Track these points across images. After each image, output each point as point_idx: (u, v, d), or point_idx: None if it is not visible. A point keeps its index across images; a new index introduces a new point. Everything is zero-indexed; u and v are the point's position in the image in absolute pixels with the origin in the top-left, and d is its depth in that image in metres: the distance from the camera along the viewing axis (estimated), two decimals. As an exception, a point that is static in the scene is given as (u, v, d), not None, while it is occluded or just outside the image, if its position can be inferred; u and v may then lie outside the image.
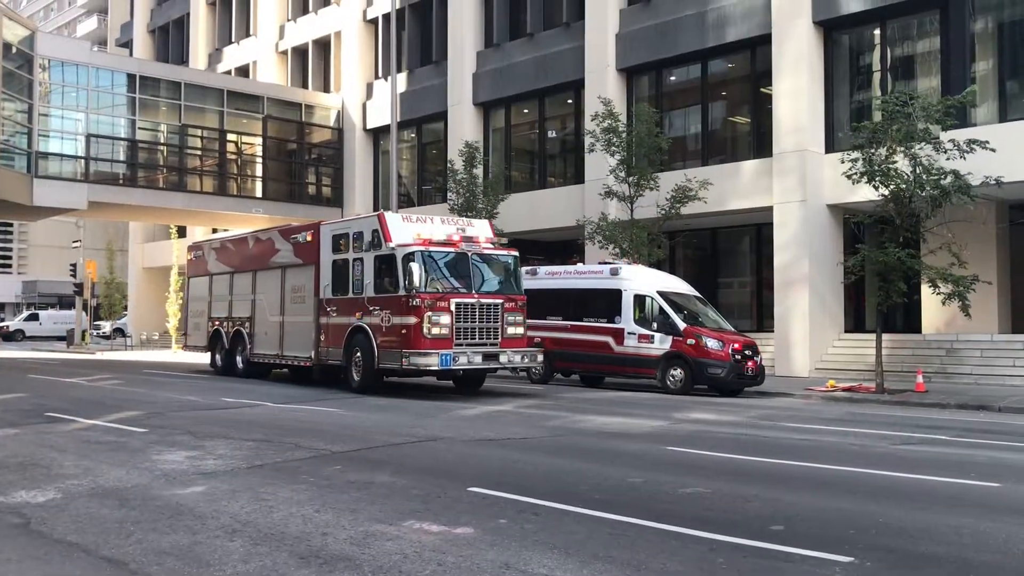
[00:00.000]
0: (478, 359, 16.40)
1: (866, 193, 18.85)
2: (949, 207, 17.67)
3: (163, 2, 48.21)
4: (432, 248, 16.49)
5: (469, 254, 16.89)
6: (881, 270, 18.03)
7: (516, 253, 17.98)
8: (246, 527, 6.31)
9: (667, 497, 7.53)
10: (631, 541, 6.02)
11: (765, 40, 23.75)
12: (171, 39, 47.31)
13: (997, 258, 21.48)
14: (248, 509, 6.87)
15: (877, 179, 17.85)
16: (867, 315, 23.31)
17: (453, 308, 16.13)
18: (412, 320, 15.91)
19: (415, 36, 34.65)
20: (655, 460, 9.68)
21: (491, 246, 17.49)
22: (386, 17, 34.29)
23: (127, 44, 51.21)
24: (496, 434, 11.61)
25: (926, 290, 19.21)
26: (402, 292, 16.11)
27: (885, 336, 19.15)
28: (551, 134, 31.64)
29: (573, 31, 28.61)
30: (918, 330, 22.48)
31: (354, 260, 17.65)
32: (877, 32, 23.16)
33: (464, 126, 31.28)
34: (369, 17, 36.19)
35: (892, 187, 17.77)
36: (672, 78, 27.50)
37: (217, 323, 23.00)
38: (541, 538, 6.04)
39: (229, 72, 41.63)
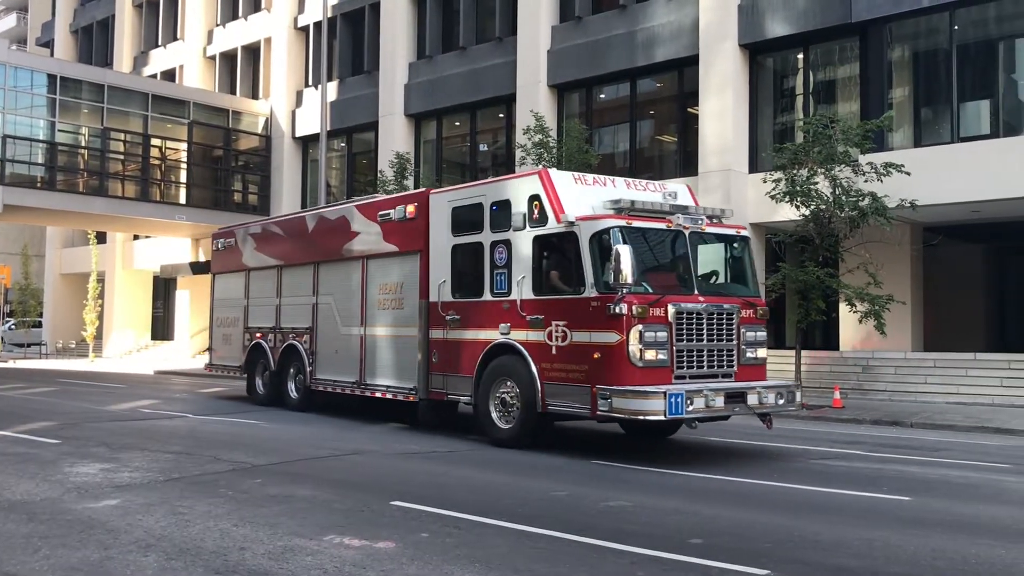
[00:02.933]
0: (719, 402, 10.24)
1: (787, 213, 19.31)
2: (867, 228, 18.21)
3: (87, 2, 47.02)
4: (637, 223, 10.71)
5: (686, 232, 11.03)
6: (801, 288, 18.47)
7: (747, 232, 12.41)
8: (161, 542, 6.16)
9: (590, 511, 7.58)
10: (553, 555, 6.05)
11: (693, 61, 24.22)
12: (95, 40, 46.15)
13: (911, 278, 22.21)
14: (163, 523, 6.71)
15: (798, 199, 18.32)
16: (787, 332, 23.86)
17: (672, 318, 10.42)
18: (611, 337, 10.14)
19: (347, 45, 34.42)
20: (580, 473, 9.74)
21: (712, 220, 11.66)
22: (317, 25, 34.02)
23: (48, 44, 49.75)
24: (421, 447, 11.55)
25: (844, 309, 19.74)
26: (590, 292, 10.43)
27: (804, 353, 19.62)
28: (483, 147, 31.70)
29: (505, 46, 28.77)
30: (836, 347, 23.08)
31: (494, 244, 11.91)
32: (800, 56, 23.81)
33: (395, 137, 31.17)
34: (300, 25, 35.84)
35: (812, 207, 18.24)
36: (602, 95, 27.83)
37: (258, 335, 17.42)
38: (463, 552, 6.03)
39: (155, 76, 40.76)
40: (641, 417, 9.98)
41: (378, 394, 14.02)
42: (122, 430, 12.68)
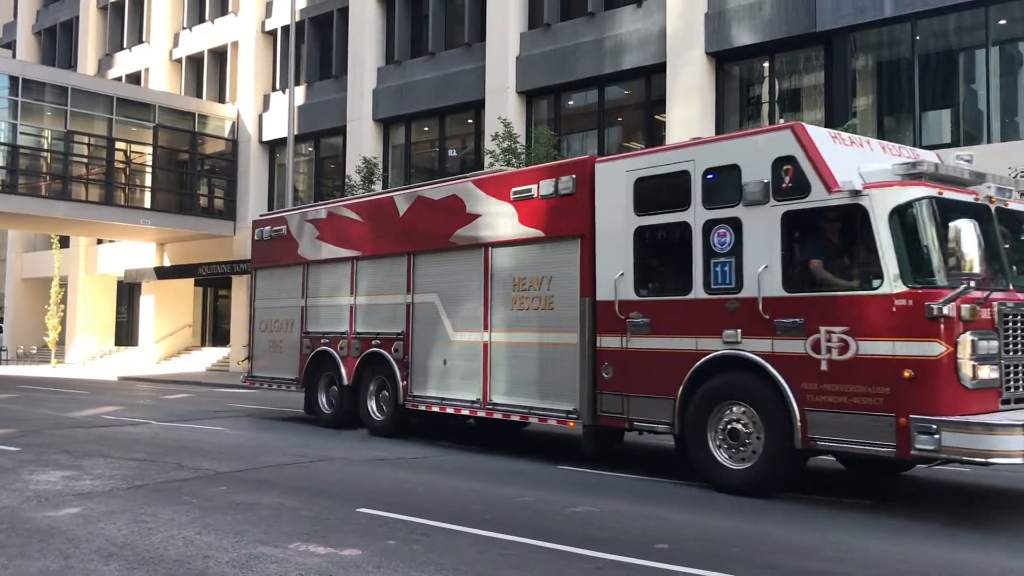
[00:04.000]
0: None
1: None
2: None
3: (50, 3, 46.44)
4: (949, 194, 8.21)
5: (992, 207, 8.58)
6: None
7: None
8: (123, 550, 6.08)
9: (557, 516, 7.58)
10: (520, 561, 6.04)
11: (660, 69, 24.39)
12: (58, 42, 45.57)
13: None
14: (126, 531, 6.62)
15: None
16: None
17: (998, 322, 7.93)
18: (932, 349, 7.58)
19: (315, 49, 34.27)
20: (548, 479, 9.74)
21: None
22: (285, 29, 33.84)
23: (10, 45, 49.04)
24: (388, 454, 11.50)
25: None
26: (893, 286, 7.80)
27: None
28: (452, 152, 31.68)
29: (475, 52, 28.80)
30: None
31: (710, 225, 9.19)
32: (766, 65, 24.06)
33: (363, 142, 31.06)
34: (268, 28, 35.64)
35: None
36: (570, 102, 27.93)
37: (323, 342, 14.49)
38: (430, 559, 6.01)
39: (120, 79, 40.32)
40: (992, 460, 7.34)
41: (514, 417, 11.29)
42: (84, 437, 12.50)
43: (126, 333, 42.04)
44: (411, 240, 13.10)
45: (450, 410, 12.09)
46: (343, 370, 13.94)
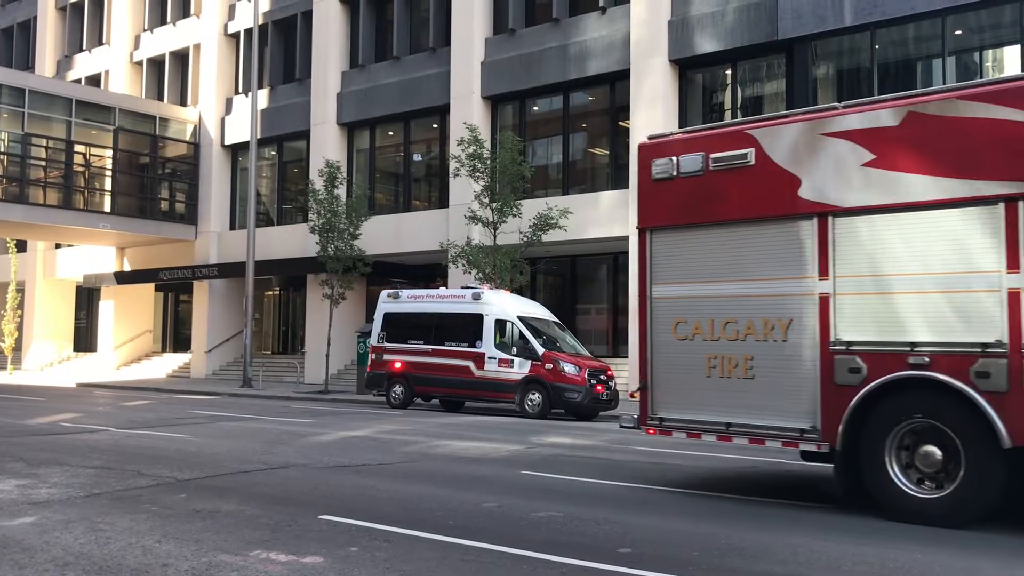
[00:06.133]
0: None
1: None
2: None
3: (7, 3, 45.71)
4: None
5: None
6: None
7: None
8: (79, 559, 5.98)
9: (520, 522, 7.58)
10: (483, 567, 6.03)
11: (624, 75, 24.56)
12: (15, 43, 44.86)
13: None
14: (83, 540, 6.52)
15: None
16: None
17: None
18: None
19: (278, 53, 34.06)
20: (510, 485, 9.74)
21: None
22: (248, 32, 33.60)
23: (-35, 46, 48.22)
24: (351, 460, 11.43)
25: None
26: None
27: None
28: (416, 157, 31.64)
29: (439, 56, 28.78)
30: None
31: None
32: (729, 72, 24.32)
33: (327, 146, 30.91)
34: (230, 31, 35.36)
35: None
36: (535, 108, 28.02)
37: (907, 362, 7.68)
38: (392, 565, 5.98)
39: (79, 81, 39.78)
40: None
41: None
42: (41, 445, 12.29)
43: (85, 339, 41.44)
44: None
45: None
46: (997, 421, 7.16)
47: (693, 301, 9.14)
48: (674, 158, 9.29)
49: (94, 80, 39.97)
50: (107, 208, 33.68)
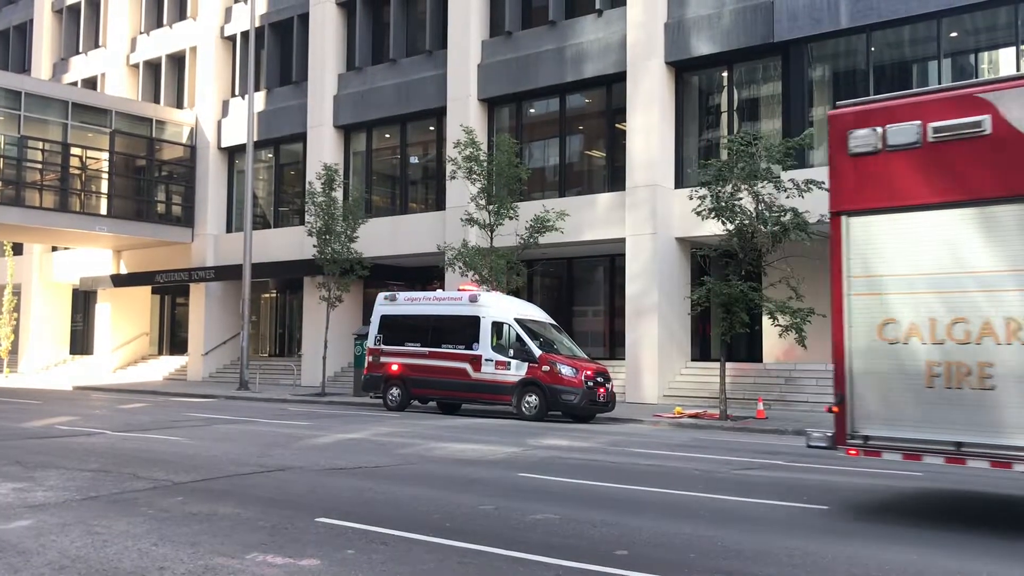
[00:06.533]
0: None
1: (712, 228, 19.67)
2: (788, 243, 18.66)
3: (3, 6, 45.63)
4: None
5: None
6: (725, 302, 18.80)
7: None
8: (76, 563, 5.98)
9: (517, 524, 7.59)
10: (480, 569, 6.04)
11: (620, 78, 24.57)
12: (11, 45, 44.79)
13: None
14: (79, 543, 6.51)
15: (725, 215, 18.67)
16: (712, 345, 24.26)
17: None
18: None
19: (274, 55, 34.04)
20: (507, 487, 9.74)
21: None
22: (244, 35, 33.60)
23: (-39, 48, 48.18)
24: (348, 463, 11.43)
25: (767, 322, 20.17)
26: None
27: (729, 365, 19.97)
28: (413, 160, 31.63)
29: (436, 59, 28.79)
30: (760, 359, 23.54)
31: None
32: (725, 75, 24.34)
33: (324, 148, 30.90)
34: (227, 34, 35.33)
35: (736, 222, 18.62)
36: (532, 110, 28.03)
37: None
38: (389, 568, 5.98)
39: (75, 83, 39.73)
40: None
41: None
42: (37, 448, 12.28)
43: (81, 342, 41.36)
44: None
45: None
46: None
47: (907, 298, 7.74)
48: (879, 128, 7.96)
49: (90, 83, 39.92)
50: (103, 211, 33.62)
